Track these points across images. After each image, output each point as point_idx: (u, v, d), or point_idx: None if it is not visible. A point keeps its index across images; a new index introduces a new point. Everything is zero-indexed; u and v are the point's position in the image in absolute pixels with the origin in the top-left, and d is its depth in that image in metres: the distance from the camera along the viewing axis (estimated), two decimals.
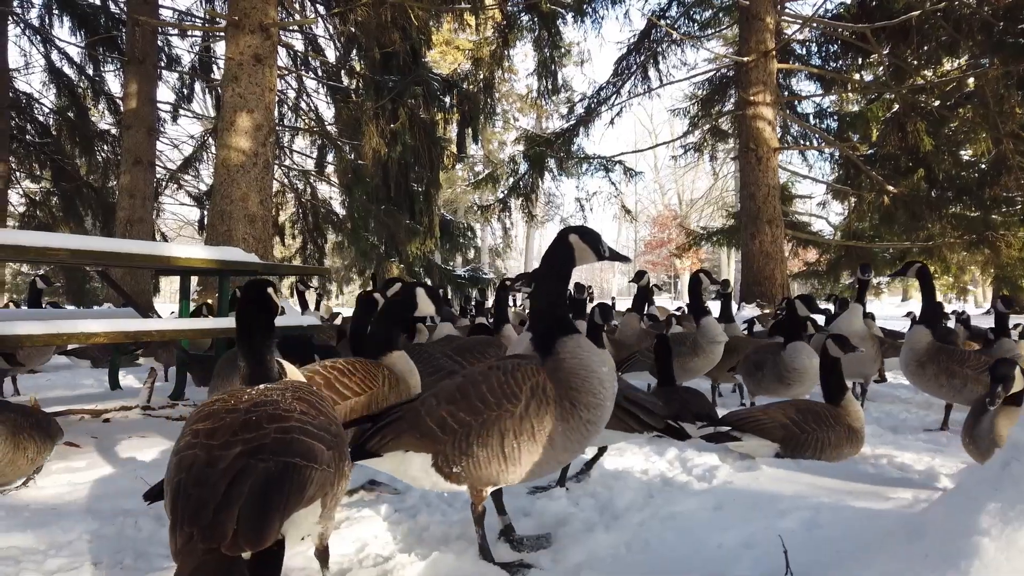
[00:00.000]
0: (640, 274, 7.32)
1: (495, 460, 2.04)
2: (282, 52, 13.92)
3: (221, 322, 4.75)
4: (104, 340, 3.97)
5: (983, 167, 15.18)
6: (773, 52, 14.37)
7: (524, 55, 29.85)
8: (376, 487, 2.95)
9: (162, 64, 14.07)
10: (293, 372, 2.10)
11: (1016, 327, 6.31)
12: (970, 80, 14.38)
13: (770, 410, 3.48)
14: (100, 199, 15.54)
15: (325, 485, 1.59)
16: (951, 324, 8.44)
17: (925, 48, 14.36)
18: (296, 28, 14.03)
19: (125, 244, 4.71)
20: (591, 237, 2.27)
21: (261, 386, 1.79)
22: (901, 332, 7.40)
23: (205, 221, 14.76)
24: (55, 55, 14.22)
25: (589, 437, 2.14)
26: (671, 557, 2.21)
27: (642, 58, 16.72)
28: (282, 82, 14.41)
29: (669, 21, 16.58)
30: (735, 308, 13.17)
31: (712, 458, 3.34)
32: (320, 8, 14.01)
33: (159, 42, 13.48)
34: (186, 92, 15.37)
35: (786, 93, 17.37)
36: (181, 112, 15.61)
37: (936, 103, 14.82)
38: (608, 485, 2.98)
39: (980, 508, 1.40)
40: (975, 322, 8.70)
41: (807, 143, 18.31)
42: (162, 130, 14.95)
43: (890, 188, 14.96)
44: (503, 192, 18.05)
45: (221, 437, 1.54)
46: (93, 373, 6.90)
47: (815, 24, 15.81)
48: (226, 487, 1.41)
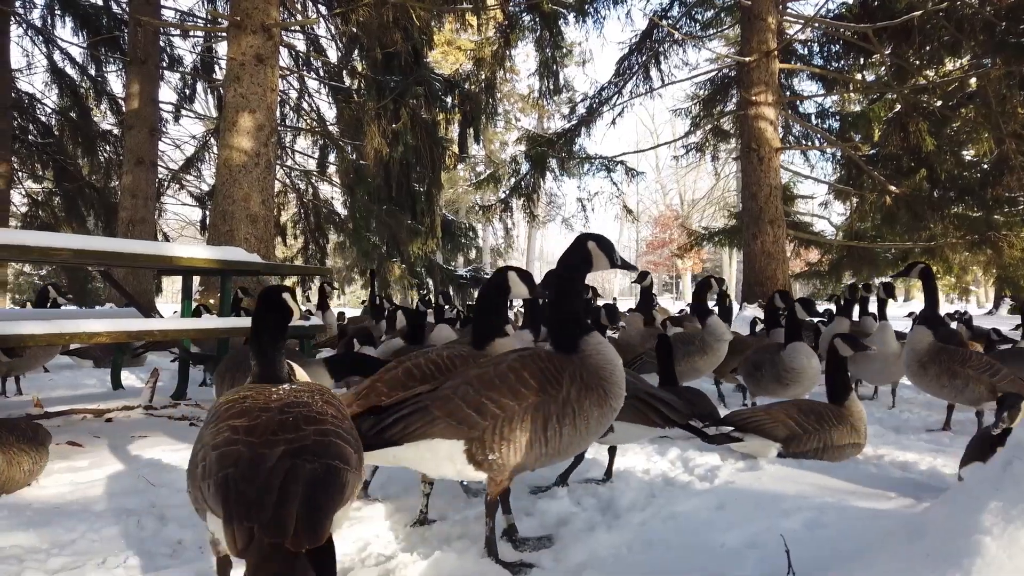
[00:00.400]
0: (643, 275, 7.32)
1: (537, 443, 2.13)
2: (284, 52, 13.96)
3: (223, 322, 4.77)
4: (106, 340, 3.98)
5: (985, 167, 15.15)
6: (775, 52, 14.34)
7: (526, 55, 29.76)
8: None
9: (164, 64, 14.11)
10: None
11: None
12: (972, 80, 14.33)
13: (772, 410, 3.47)
14: (102, 199, 15.56)
15: (355, 487, 1.65)
16: (953, 325, 8.42)
17: (927, 48, 14.32)
18: (298, 28, 14.05)
19: (128, 244, 4.74)
20: (606, 245, 2.40)
21: (285, 386, 1.86)
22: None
23: (207, 221, 14.79)
24: (57, 55, 14.28)
25: (609, 423, 2.34)
26: (673, 557, 2.21)
27: (644, 58, 16.69)
28: (284, 82, 14.44)
29: (671, 21, 16.55)
30: (736, 308, 13.19)
31: (714, 458, 3.34)
32: (322, 8, 14.02)
33: (161, 42, 13.51)
34: (188, 92, 15.41)
35: (788, 93, 17.34)
36: (183, 112, 15.67)
37: (938, 103, 14.76)
38: (610, 485, 2.99)
39: (982, 507, 1.39)
40: (976, 322, 8.69)
41: (809, 143, 18.28)
42: (164, 130, 15.01)
43: (892, 188, 14.93)
44: (505, 192, 18.01)
45: (261, 435, 1.58)
46: (95, 373, 6.91)
47: (817, 24, 15.79)
48: (280, 485, 1.45)
